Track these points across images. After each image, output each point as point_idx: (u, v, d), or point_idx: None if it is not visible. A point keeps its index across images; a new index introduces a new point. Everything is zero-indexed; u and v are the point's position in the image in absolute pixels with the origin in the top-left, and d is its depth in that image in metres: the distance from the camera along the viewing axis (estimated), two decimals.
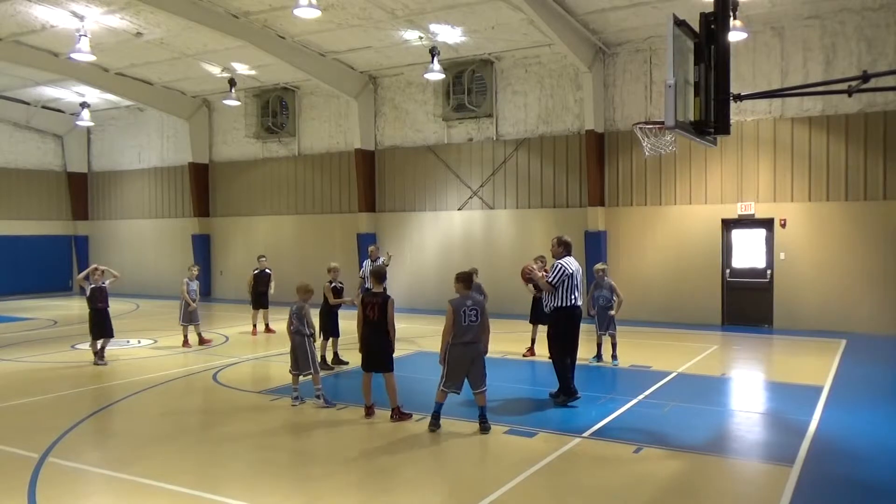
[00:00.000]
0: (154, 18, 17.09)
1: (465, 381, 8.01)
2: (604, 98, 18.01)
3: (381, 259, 15.38)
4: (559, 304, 9.19)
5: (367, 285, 13.98)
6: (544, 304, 9.51)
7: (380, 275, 8.63)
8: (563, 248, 9.50)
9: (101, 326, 12.26)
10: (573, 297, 9.20)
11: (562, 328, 9.31)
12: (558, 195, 18.83)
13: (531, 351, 12.81)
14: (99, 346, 12.25)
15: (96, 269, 12.62)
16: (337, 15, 16.58)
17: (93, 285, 12.28)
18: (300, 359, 9.17)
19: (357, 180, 21.45)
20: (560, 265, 9.23)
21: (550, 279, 9.23)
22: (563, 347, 9.28)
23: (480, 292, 12.48)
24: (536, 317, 12.66)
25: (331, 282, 11.83)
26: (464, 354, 7.92)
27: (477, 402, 7.97)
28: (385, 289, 9.03)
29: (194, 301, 13.95)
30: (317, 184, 22.82)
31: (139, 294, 25.07)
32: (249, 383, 10.77)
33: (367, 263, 15.39)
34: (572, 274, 9.21)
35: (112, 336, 12.53)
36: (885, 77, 8.87)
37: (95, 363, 12.09)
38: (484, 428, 7.87)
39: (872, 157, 15.31)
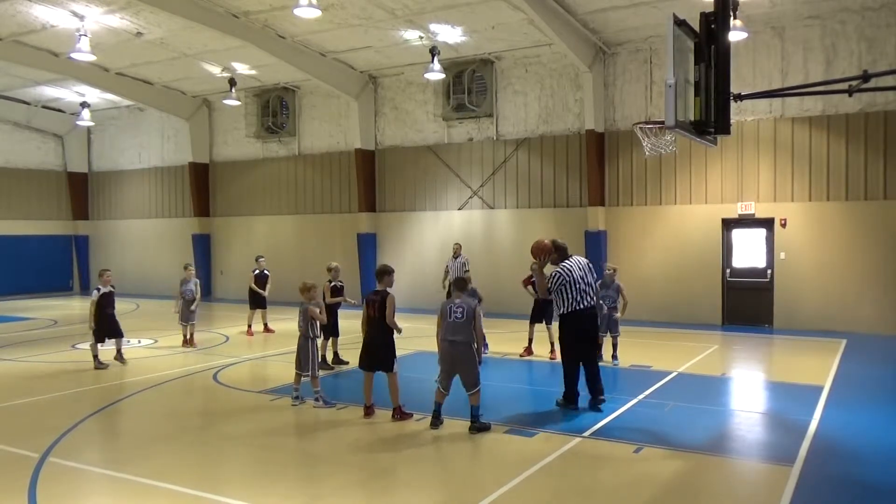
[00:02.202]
0: (154, 18, 17.09)
1: (459, 381, 7.99)
2: (604, 98, 18.00)
3: (463, 256, 16.05)
4: (563, 309, 8.86)
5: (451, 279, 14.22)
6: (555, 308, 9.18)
7: (380, 272, 8.64)
8: (558, 253, 9.15)
9: (112, 328, 12.10)
10: (577, 300, 8.79)
11: (569, 333, 8.94)
12: (558, 195, 18.83)
13: (528, 351, 12.80)
14: (115, 348, 12.12)
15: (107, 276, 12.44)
16: (337, 15, 16.58)
17: (103, 290, 12.02)
18: (301, 359, 9.22)
19: (357, 180, 21.45)
20: (557, 273, 8.90)
21: (549, 286, 8.96)
22: (572, 351, 8.94)
23: (475, 296, 12.53)
24: (536, 317, 12.68)
25: (330, 281, 11.83)
26: (448, 352, 7.98)
27: (469, 401, 7.96)
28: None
29: (192, 300, 13.94)
30: (317, 184, 22.82)
31: (139, 294, 25.07)
32: (249, 383, 10.77)
33: (451, 261, 16.09)
34: (570, 278, 8.82)
35: (122, 336, 12.36)
36: (885, 77, 8.87)
37: (97, 367, 11.75)
38: (473, 428, 7.84)
39: (872, 157, 15.31)
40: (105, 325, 11.99)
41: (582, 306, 8.80)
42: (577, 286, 8.80)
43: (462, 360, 7.89)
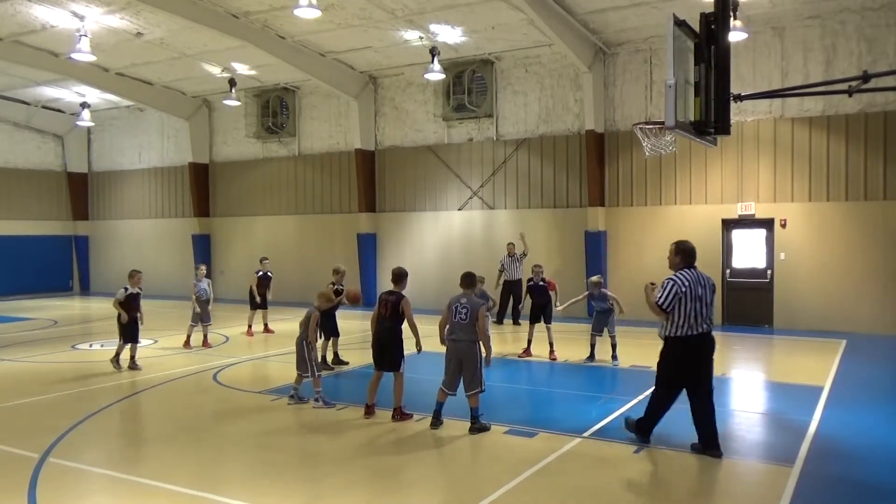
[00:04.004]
0: (154, 18, 17.09)
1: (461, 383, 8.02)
2: (604, 98, 18.01)
3: (520, 252, 16.86)
4: (673, 331, 7.07)
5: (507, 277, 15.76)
6: (660, 328, 7.38)
7: (396, 275, 8.67)
8: (680, 257, 7.24)
9: (132, 332, 11.72)
10: (689, 322, 6.98)
11: (672, 361, 7.19)
12: (558, 195, 18.83)
13: (527, 352, 12.79)
14: (129, 353, 11.75)
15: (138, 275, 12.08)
16: (337, 15, 16.59)
17: (131, 291, 11.76)
18: (299, 361, 9.26)
19: (357, 180, 21.46)
20: (671, 281, 7.06)
21: (660, 300, 7.02)
22: (672, 381, 7.24)
23: (486, 298, 12.51)
24: (535, 317, 12.68)
25: (333, 284, 11.88)
26: (451, 351, 8.02)
27: (469, 402, 7.96)
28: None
29: (207, 301, 13.91)
30: (317, 184, 22.82)
31: None
32: (249, 383, 10.77)
33: (506, 259, 16.90)
34: (687, 292, 6.96)
35: (138, 342, 12.02)
36: (885, 77, 8.90)
37: (118, 368, 11.54)
38: (473, 428, 7.84)
39: (872, 157, 15.31)
40: (128, 329, 11.64)
41: (694, 331, 7.00)
42: (692, 305, 6.98)
43: (466, 357, 7.91)
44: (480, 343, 7.99)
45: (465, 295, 8.09)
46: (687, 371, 7.12)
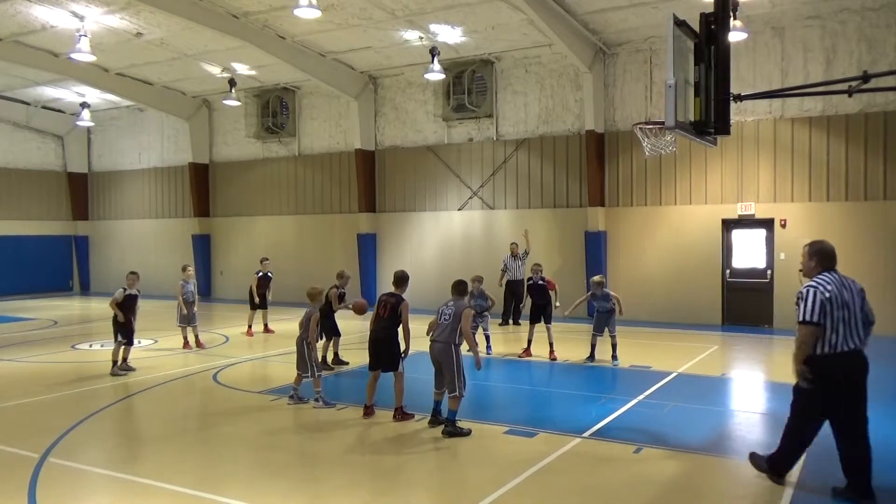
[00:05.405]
0: (154, 18, 17.10)
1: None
2: (604, 98, 18.00)
3: (522, 251, 16.88)
4: (813, 349, 5.96)
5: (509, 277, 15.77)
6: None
7: (398, 278, 8.72)
8: (816, 259, 6.02)
9: (128, 333, 11.57)
10: (839, 335, 5.94)
11: (817, 385, 6.02)
12: (558, 195, 18.82)
13: (527, 352, 12.79)
14: (123, 354, 11.61)
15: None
16: (337, 15, 16.59)
17: (129, 292, 11.65)
18: (299, 362, 9.27)
19: (357, 180, 21.46)
20: (810, 288, 5.83)
21: (804, 316, 5.78)
22: (814, 408, 6.14)
23: (485, 298, 12.53)
24: (535, 317, 12.68)
25: (337, 287, 11.91)
26: (431, 352, 8.14)
27: (448, 405, 7.92)
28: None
29: (194, 302, 13.81)
30: (317, 184, 22.82)
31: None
32: (249, 383, 10.77)
33: (509, 259, 16.96)
34: (832, 299, 5.85)
35: (132, 344, 11.86)
36: (885, 77, 8.89)
37: (117, 372, 11.38)
38: (445, 431, 7.76)
39: (872, 157, 15.30)
40: (125, 329, 11.50)
41: (843, 347, 5.97)
42: (839, 314, 5.91)
43: (442, 359, 7.96)
44: (465, 346, 8.02)
45: (452, 300, 8.19)
46: (830, 396, 5.97)
